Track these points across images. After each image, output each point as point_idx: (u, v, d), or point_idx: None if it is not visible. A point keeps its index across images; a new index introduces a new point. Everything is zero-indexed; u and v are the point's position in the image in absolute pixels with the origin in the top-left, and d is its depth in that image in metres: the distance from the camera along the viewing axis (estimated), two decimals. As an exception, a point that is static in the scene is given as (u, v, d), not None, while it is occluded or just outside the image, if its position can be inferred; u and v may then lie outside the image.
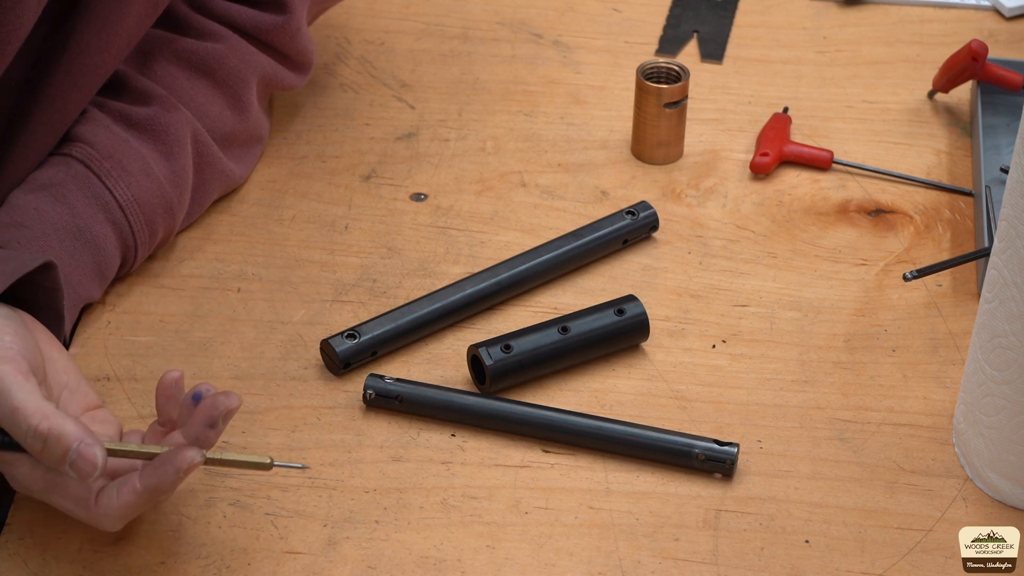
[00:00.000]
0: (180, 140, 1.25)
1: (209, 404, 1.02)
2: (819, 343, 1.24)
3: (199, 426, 1.02)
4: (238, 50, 1.30)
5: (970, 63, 1.41)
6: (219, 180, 1.30)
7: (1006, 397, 1.10)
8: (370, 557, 1.08)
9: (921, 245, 1.33)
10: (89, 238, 1.19)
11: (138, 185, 1.22)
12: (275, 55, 1.34)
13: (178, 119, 1.25)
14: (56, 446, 0.99)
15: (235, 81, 1.30)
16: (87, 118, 1.23)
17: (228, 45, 1.30)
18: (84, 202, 1.19)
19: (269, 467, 1.04)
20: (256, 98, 1.32)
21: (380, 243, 1.31)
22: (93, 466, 1.00)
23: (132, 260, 1.23)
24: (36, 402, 1.00)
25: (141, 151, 1.23)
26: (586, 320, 1.21)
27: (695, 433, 1.16)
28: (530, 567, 1.08)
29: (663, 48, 1.53)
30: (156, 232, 1.24)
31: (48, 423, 0.99)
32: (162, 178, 1.23)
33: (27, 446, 1.00)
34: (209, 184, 1.29)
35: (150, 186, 1.22)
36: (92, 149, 1.21)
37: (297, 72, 1.36)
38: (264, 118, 1.36)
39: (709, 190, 1.37)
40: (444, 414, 1.17)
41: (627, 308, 1.21)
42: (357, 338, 1.20)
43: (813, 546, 1.10)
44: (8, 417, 1.00)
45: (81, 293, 1.19)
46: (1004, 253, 1.07)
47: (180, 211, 1.26)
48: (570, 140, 1.42)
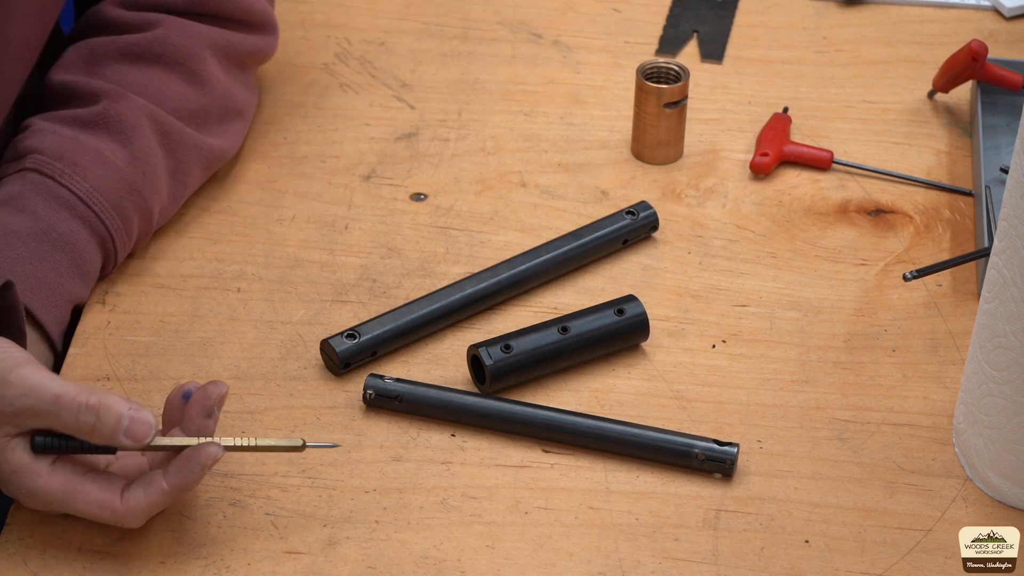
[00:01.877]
0: (133, 124, 1.25)
1: (201, 396, 1.06)
2: (819, 343, 1.24)
3: (197, 419, 1.06)
4: (179, 28, 1.31)
5: (970, 63, 1.41)
6: (196, 156, 1.29)
7: (1006, 397, 1.10)
8: (370, 557, 1.08)
9: (921, 245, 1.33)
10: (57, 237, 1.19)
11: (94, 175, 1.21)
12: (221, 23, 1.34)
13: (129, 105, 1.25)
14: (108, 415, 1.02)
15: (185, 58, 1.30)
16: (33, 131, 1.24)
17: (167, 27, 1.30)
18: (44, 205, 1.19)
19: (302, 448, 1.07)
20: (217, 70, 1.32)
21: (380, 243, 1.31)
22: (148, 426, 1.03)
23: (114, 249, 1.23)
24: (73, 384, 1.03)
25: (93, 144, 1.23)
26: (586, 320, 1.21)
27: (695, 433, 1.16)
28: (530, 567, 1.08)
29: (663, 48, 1.53)
30: (129, 215, 1.23)
31: (95, 396, 1.02)
32: (120, 163, 1.23)
33: (78, 425, 1.02)
34: (186, 162, 1.28)
35: (107, 173, 1.22)
36: (42, 155, 1.21)
37: (256, 33, 1.36)
38: (239, 88, 1.35)
39: (709, 190, 1.37)
40: (444, 414, 1.17)
41: (627, 308, 1.21)
42: (357, 338, 1.20)
43: (813, 546, 1.10)
44: (51, 406, 1.02)
45: (62, 293, 1.18)
46: (1004, 253, 1.07)
47: (153, 191, 1.25)
48: (570, 140, 1.42)
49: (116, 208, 1.22)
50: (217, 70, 1.32)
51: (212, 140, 1.31)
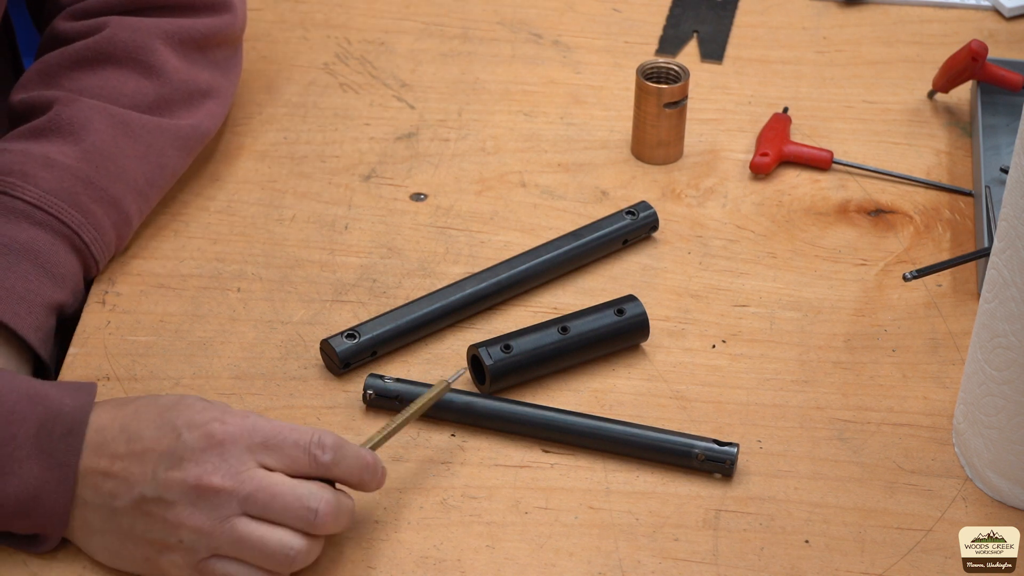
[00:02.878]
0: (83, 122, 1.25)
1: None
2: (819, 343, 1.24)
3: None
4: (126, 26, 1.31)
5: (970, 63, 1.41)
6: (166, 137, 1.29)
7: (1006, 397, 1.10)
8: (370, 557, 1.08)
9: (921, 245, 1.33)
10: (19, 247, 1.18)
11: (44, 180, 1.21)
12: (170, 12, 1.34)
13: (79, 107, 1.26)
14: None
15: (136, 52, 1.30)
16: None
17: (114, 27, 1.31)
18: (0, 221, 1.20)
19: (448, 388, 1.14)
20: (171, 58, 1.32)
21: (380, 243, 1.31)
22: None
23: (86, 244, 1.22)
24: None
25: (41, 151, 1.23)
26: (586, 320, 1.21)
27: (695, 433, 1.16)
28: (530, 567, 1.08)
29: (663, 48, 1.53)
30: (89, 208, 1.22)
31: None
32: (70, 161, 1.22)
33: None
34: (155, 144, 1.28)
35: (56, 174, 1.22)
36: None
37: (209, 14, 1.36)
38: (201, 71, 1.35)
39: (709, 190, 1.37)
40: (444, 414, 1.17)
41: (627, 308, 1.21)
42: (357, 338, 1.20)
43: (813, 546, 1.10)
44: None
45: (38, 299, 1.18)
46: (1004, 253, 1.07)
47: (114, 180, 1.24)
48: (570, 140, 1.42)
49: (73, 205, 1.22)
50: (172, 58, 1.32)
51: (186, 120, 1.31)
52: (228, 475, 1.02)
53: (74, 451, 1.03)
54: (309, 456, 1.03)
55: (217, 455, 1.02)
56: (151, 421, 1.04)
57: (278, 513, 1.02)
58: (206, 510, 1.02)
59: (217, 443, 1.02)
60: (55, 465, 1.03)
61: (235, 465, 1.02)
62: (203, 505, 1.02)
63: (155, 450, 1.03)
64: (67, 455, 1.03)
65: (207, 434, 1.02)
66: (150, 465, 1.02)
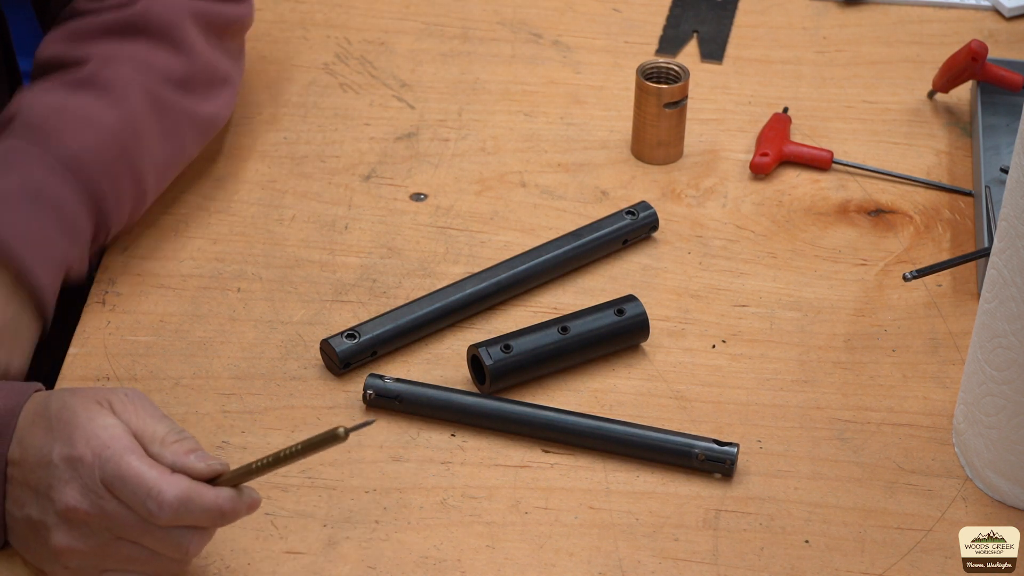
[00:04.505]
0: (123, 87, 1.24)
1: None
2: (819, 343, 1.24)
3: None
4: (157, 1, 1.30)
5: (970, 63, 1.41)
6: (188, 122, 1.29)
7: (1006, 397, 1.10)
8: (370, 557, 1.08)
9: (921, 245, 1.33)
10: (45, 199, 1.17)
11: (83, 136, 1.20)
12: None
13: (117, 71, 1.25)
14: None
15: (168, 28, 1.30)
16: (22, 96, 1.23)
17: (145, 2, 1.30)
18: (33, 166, 1.18)
19: (345, 438, 0.96)
20: (199, 39, 1.32)
21: (380, 243, 1.31)
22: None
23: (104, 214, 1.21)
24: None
25: (81, 104, 1.22)
26: (586, 320, 1.21)
27: (695, 433, 1.16)
28: (530, 567, 1.08)
29: (663, 48, 1.53)
30: (117, 179, 1.22)
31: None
32: (109, 123, 1.22)
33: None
34: (178, 127, 1.28)
35: (94, 136, 1.21)
36: (30, 118, 1.21)
37: (231, 1, 1.35)
38: (221, 57, 1.35)
39: (709, 190, 1.37)
40: (444, 414, 1.17)
41: (627, 308, 1.21)
42: (357, 338, 1.20)
43: (813, 546, 1.10)
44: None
45: (53, 254, 1.17)
46: (1004, 253, 1.07)
47: (144, 155, 1.24)
48: (570, 140, 1.42)
49: (104, 172, 1.21)
50: (199, 39, 1.31)
51: (203, 107, 1.31)
52: (89, 502, 1.00)
53: (1, 458, 1.03)
54: (144, 509, 0.99)
55: (78, 480, 1.00)
56: (38, 438, 1.02)
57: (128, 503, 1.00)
58: (82, 537, 1.01)
59: (74, 468, 1.00)
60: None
61: (94, 490, 1.00)
62: (78, 532, 1.01)
63: (35, 471, 1.02)
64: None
65: (69, 458, 1.01)
66: (32, 483, 1.02)
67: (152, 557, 1.02)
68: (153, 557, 1.02)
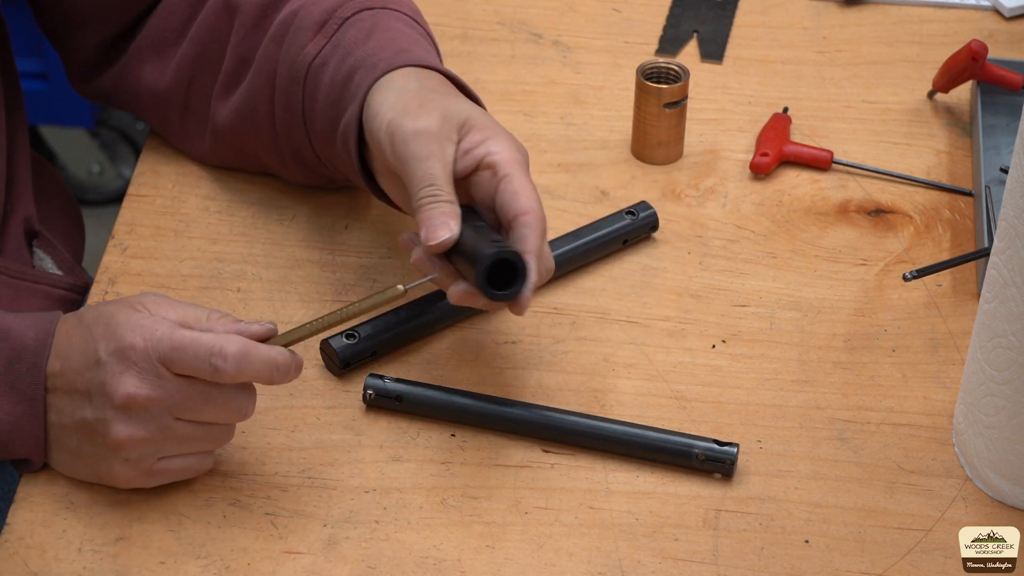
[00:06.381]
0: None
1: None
2: (819, 343, 1.24)
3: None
4: None
5: (970, 63, 1.41)
6: None
7: (1006, 397, 1.10)
8: (370, 557, 1.08)
9: (921, 245, 1.33)
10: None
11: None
12: None
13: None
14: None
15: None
16: None
17: None
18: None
19: (404, 293, 1.11)
20: None
21: (380, 243, 1.31)
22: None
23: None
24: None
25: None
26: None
27: (695, 433, 1.16)
28: (530, 567, 1.08)
29: (663, 48, 1.53)
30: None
31: None
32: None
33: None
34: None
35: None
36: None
37: None
38: None
39: (709, 190, 1.37)
40: (444, 414, 1.17)
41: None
42: (357, 338, 1.20)
43: (813, 546, 1.10)
44: None
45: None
46: (1004, 253, 1.07)
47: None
48: (570, 140, 1.42)
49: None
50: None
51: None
52: (149, 385, 1.05)
53: (39, 384, 1.07)
54: (210, 367, 1.05)
55: (133, 367, 1.05)
56: (79, 344, 1.07)
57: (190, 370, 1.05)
58: (142, 423, 1.05)
59: (127, 357, 1.05)
60: (24, 399, 1.07)
61: (152, 371, 1.05)
62: (137, 420, 1.05)
63: (83, 374, 1.06)
64: (33, 388, 1.07)
65: (119, 349, 1.05)
66: (82, 387, 1.06)
67: (208, 435, 1.08)
68: (208, 435, 1.08)
